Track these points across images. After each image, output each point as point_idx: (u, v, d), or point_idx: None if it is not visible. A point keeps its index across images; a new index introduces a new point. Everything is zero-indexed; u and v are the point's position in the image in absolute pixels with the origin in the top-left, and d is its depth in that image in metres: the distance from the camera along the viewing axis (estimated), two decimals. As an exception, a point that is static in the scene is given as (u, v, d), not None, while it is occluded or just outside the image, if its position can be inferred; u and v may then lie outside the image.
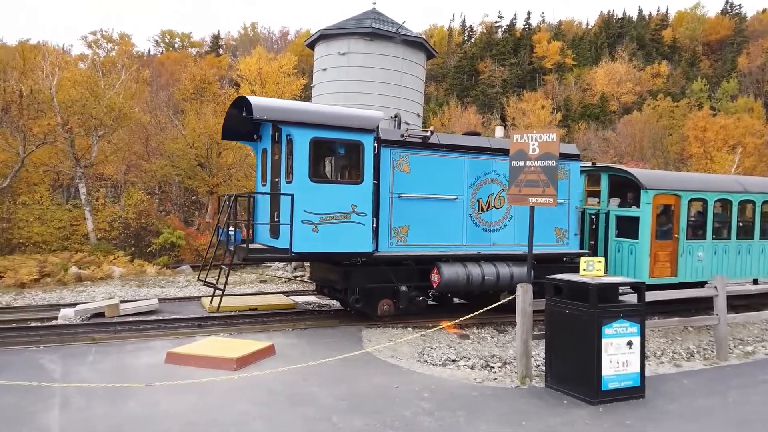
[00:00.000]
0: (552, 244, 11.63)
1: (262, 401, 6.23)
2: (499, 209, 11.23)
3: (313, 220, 9.34)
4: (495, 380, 7.47)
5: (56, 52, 31.14)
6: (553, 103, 60.16)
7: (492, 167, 11.13)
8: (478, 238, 11.02)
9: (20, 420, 5.56)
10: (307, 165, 9.35)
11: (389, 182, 10.17)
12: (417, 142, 10.48)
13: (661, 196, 11.93)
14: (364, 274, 10.19)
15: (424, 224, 10.48)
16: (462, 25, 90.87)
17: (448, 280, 10.25)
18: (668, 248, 12.13)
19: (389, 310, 10.36)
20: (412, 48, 20.31)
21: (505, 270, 10.78)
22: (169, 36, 72.66)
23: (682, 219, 12.10)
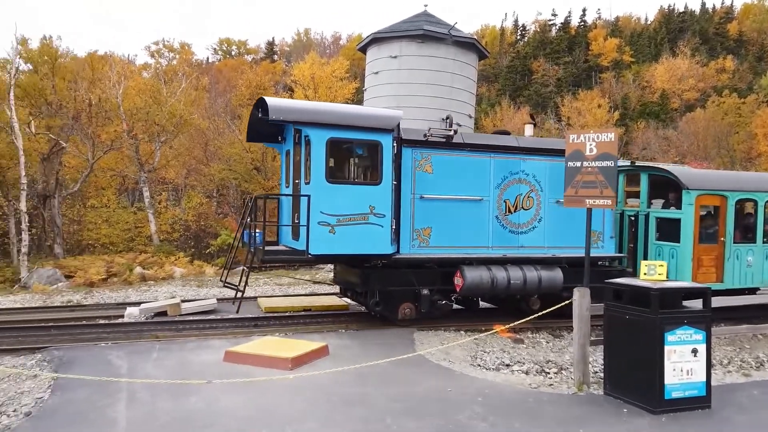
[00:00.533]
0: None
1: (317, 400, 6.33)
2: (527, 210, 10.84)
3: (330, 222, 9.21)
4: (551, 386, 7.32)
5: (122, 63, 32.67)
6: (610, 102, 58.36)
7: (520, 167, 10.77)
8: (505, 241, 10.68)
9: (91, 413, 5.87)
10: (324, 165, 9.22)
11: (411, 183, 10.00)
12: (440, 142, 10.26)
13: (704, 197, 11.23)
14: (385, 276, 10.01)
15: (447, 226, 10.23)
16: (514, 24, 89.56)
17: (471, 284, 9.97)
18: (713, 252, 11.38)
19: (410, 314, 10.17)
20: (464, 49, 20.18)
21: (532, 274, 10.37)
22: (227, 44, 74.90)
23: (728, 221, 11.33)
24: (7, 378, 7.22)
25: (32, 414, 5.87)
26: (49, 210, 22.02)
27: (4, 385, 6.99)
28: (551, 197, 10.93)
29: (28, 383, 6.91)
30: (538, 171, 10.92)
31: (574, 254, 10.89)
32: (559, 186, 10.86)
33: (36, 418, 5.74)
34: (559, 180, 10.88)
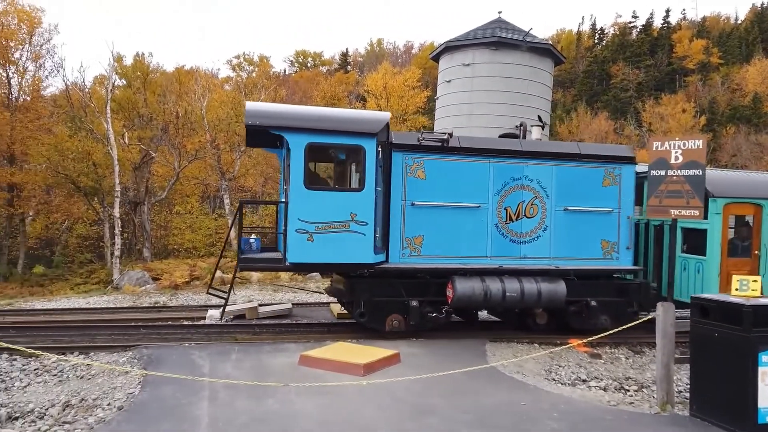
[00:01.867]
0: (598, 258, 10.43)
1: (389, 408, 6.38)
2: (531, 219, 10.21)
3: (309, 229, 8.92)
4: (631, 404, 7.01)
5: (206, 76, 34.42)
6: (696, 106, 55.26)
7: (523, 172, 10.17)
8: (506, 251, 10.11)
9: (177, 409, 6.20)
10: (302, 171, 8.94)
11: (401, 189, 9.64)
12: (434, 146, 9.85)
13: (734, 206, 10.22)
14: (372, 286, 9.66)
15: (440, 234, 9.80)
16: (592, 27, 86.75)
17: (461, 296, 9.50)
18: (745, 267, 10.32)
19: (399, 326, 9.76)
20: (539, 55, 19.82)
21: (531, 286, 9.77)
22: (303, 56, 77.17)
23: (765, 232, 10.28)
24: (102, 373, 7.76)
25: (124, 408, 6.27)
26: (139, 216, 23.51)
27: (99, 379, 7.52)
28: (559, 204, 10.33)
29: (120, 379, 7.39)
30: (544, 176, 10.29)
31: (583, 266, 10.32)
32: (568, 192, 10.36)
33: (127, 412, 6.13)
34: (568, 186, 10.37)
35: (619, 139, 54.71)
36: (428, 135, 10.14)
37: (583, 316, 10.35)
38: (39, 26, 29.80)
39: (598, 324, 10.24)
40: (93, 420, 6.00)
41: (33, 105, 29.83)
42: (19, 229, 29.97)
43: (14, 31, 29.16)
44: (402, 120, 34.26)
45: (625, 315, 10.39)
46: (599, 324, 10.24)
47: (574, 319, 10.43)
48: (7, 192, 29.09)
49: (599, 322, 10.29)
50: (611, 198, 10.45)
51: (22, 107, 29.30)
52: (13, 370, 8.09)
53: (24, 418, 6.23)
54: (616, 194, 10.49)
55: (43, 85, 31.73)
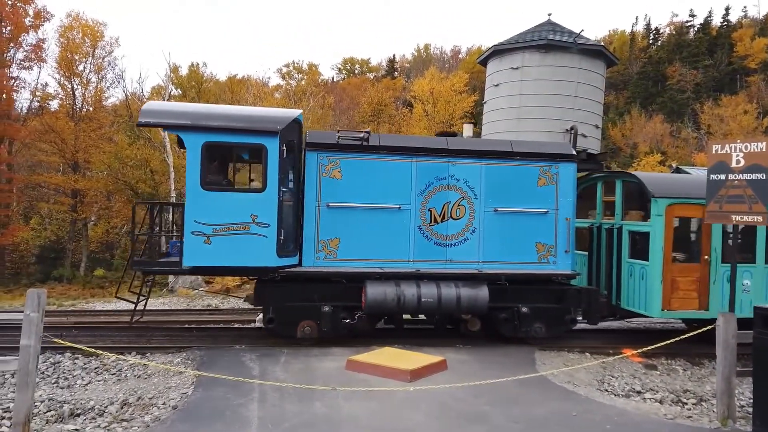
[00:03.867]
0: (532, 262, 9.88)
1: (436, 415, 6.34)
2: (457, 220, 9.72)
3: (206, 231, 8.58)
4: (689, 418, 6.73)
5: (257, 85, 35.27)
6: (758, 107, 52.74)
7: (449, 171, 9.70)
8: (430, 254, 9.67)
9: (227, 410, 6.35)
10: (198, 171, 8.62)
11: (315, 190, 9.32)
12: (351, 145, 9.47)
13: (680, 207, 9.51)
14: (282, 291, 9.30)
15: (358, 237, 9.42)
16: (646, 27, 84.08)
17: (373, 301, 9.14)
18: (694, 273, 9.58)
19: (311, 332, 9.34)
20: (590, 57, 19.33)
21: (449, 291, 9.31)
22: (350, 63, 78.00)
23: (715, 236, 9.55)
24: (158, 373, 8.04)
25: (178, 407, 6.47)
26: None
27: (155, 379, 7.79)
28: (488, 205, 9.84)
29: (174, 379, 7.64)
30: (472, 176, 9.82)
31: (515, 270, 9.76)
32: (499, 192, 9.84)
33: (181, 412, 6.32)
34: (499, 186, 9.85)
35: (677, 143, 52.78)
36: (346, 134, 9.74)
37: (515, 324, 9.79)
38: (101, 40, 31.32)
39: (530, 332, 9.78)
40: (149, 418, 6.21)
41: (95, 115, 31.39)
42: (82, 233, 31.48)
43: (79, 45, 30.74)
44: (449, 125, 34.12)
45: (562, 323, 9.94)
46: (532, 332, 9.78)
47: (505, 327, 9.87)
48: (71, 198, 30.64)
49: (532, 329, 9.79)
50: (547, 198, 9.93)
51: (86, 117, 30.87)
52: (75, 369, 8.49)
53: (85, 415, 6.52)
54: (552, 194, 9.96)
55: (105, 95, 33.33)
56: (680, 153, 49.16)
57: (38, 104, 33.61)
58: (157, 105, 9.89)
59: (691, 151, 48.75)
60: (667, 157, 45.21)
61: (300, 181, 9.45)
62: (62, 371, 8.41)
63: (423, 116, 34.69)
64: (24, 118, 31.84)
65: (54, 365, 8.60)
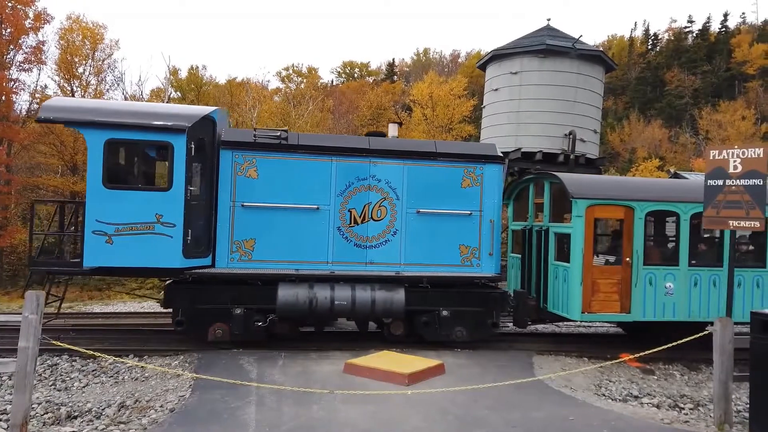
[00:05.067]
0: (455, 265, 9.74)
1: (434, 419, 6.34)
2: (378, 222, 9.56)
3: (107, 231, 8.37)
4: (686, 423, 6.74)
5: (257, 88, 35.37)
6: (756, 113, 52.94)
7: (370, 172, 9.56)
8: (350, 256, 9.51)
9: (225, 413, 6.35)
10: (100, 169, 8.41)
11: (230, 189, 9.16)
12: (269, 144, 9.30)
13: (600, 208, 9.40)
14: (193, 292, 9.08)
15: (275, 238, 9.27)
16: (645, 33, 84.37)
17: (284, 304, 8.98)
18: (615, 275, 9.47)
19: (223, 335, 9.13)
20: (589, 62, 19.43)
21: (364, 294, 9.16)
22: (350, 67, 78.16)
23: (636, 238, 9.42)
24: (155, 376, 8.03)
25: (176, 410, 6.47)
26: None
27: (153, 382, 7.78)
28: (410, 207, 9.70)
29: (172, 382, 7.63)
30: (394, 176, 9.67)
31: (438, 272, 9.61)
32: (422, 194, 9.73)
33: (179, 414, 6.32)
34: (422, 187, 9.74)
35: (675, 148, 52.92)
36: (263, 132, 9.55)
37: (436, 327, 9.65)
38: (101, 42, 31.36)
39: (451, 336, 9.65)
40: (146, 421, 6.21)
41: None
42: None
43: (79, 47, 30.77)
44: (448, 129, 34.18)
45: (485, 327, 9.81)
46: (453, 336, 9.65)
47: (425, 330, 9.70)
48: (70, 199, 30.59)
49: (453, 333, 9.66)
50: (471, 200, 9.79)
51: (85, 119, 30.75)
52: (73, 371, 8.48)
53: (82, 417, 6.51)
54: (477, 196, 9.82)
55: (105, 98, 33.35)
56: (678, 158, 49.30)
57: (38, 106, 33.64)
58: (60, 101, 9.52)
59: (689, 156, 48.90)
60: (666, 163, 45.33)
61: (214, 181, 9.25)
62: (60, 373, 8.40)
63: (422, 120, 34.77)
64: (23, 120, 31.86)
65: (51, 367, 8.60)
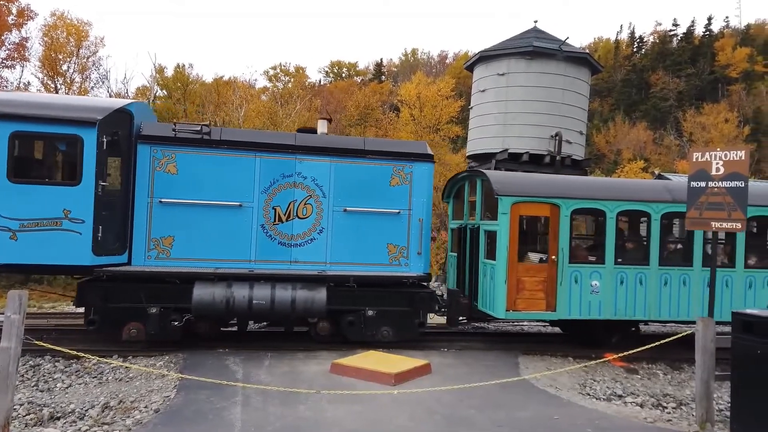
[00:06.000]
0: (383, 264, 9.65)
1: (421, 418, 6.36)
2: (304, 220, 9.43)
3: (11, 227, 8.12)
4: (669, 422, 6.82)
5: (244, 87, 35.20)
6: (739, 116, 53.71)
7: (295, 169, 9.43)
8: (274, 254, 9.37)
9: (210, 414, 6.31)
10: (5, 162, 8.16)
11: (148, 185, 8.95)
12: (190, 138, 9.09)
13: (525, 205, 9.41)
14: (105, 291, 8.80)
15: (195, 235, 9.07)
16: (630, 36, 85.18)
17: (199, 303, 8.79)
18: (541, 273, 9.45)
19: (138, 335, 8.88)
20: (575, 64, 19.60)
21: (284, 294, 8.97)
22: (338, 66, 78.04)
23: (562, 235, 9.40)
24: (140, 376, 7.96)
25: (160, 411, 6.42)
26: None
27: (137, 382, 7.72)
28: (337, 205, 9.60)
29: (157, 382, 7.57)
30: (320, 174, 9.56)
31: (365, 272, 9.49)
32: (349, 192, 9.61)
33: (163, 415, 6.27)
34: (349, 185, 9.67)
35: (659, 150, 53.51)
36: (183, 126, 9.37)
37: (361, 327, 9.51)
38: (86, 39, 31.02)
39: (377, 336, 9.52)
40: (131, 422, 6.15)
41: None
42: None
43: (63, 45, 30.41)
44: (435, 129, 34.26)
45: (411, 327, 9.68)
46: (378, 336, 9.52)
47: (350, 330, 9.55)
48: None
49: (378, 333, 9.53)
50: (400, 198, 9.72)
51: (69, 117, 30.42)
52: (56, 371, 8.38)
53: (65, 418, 6.44)
54: (406, 194, 9.73)
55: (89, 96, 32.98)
56: (663, 160, 49.87)
57: (20, 103, 33.15)
58: None
59: (673, 158, 49.48)
60: (650, 164, 45.83)
61: (131, 176, 9.03)
62: (42, 374, 8.30)
63: (410, 121, 34.83)
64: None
65: (34, 368, 8.48)
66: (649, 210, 9.87)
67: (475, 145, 20.59)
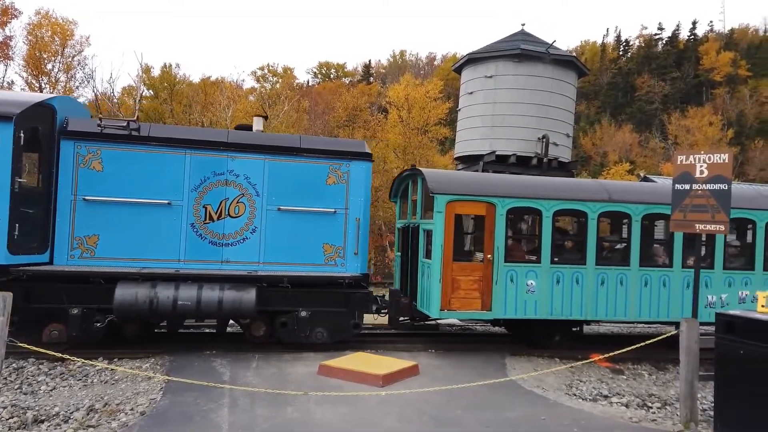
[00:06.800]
0: (318, 264, 9.47)
1: (409, 419, 6.37)
2: (236, 219, 9.24)
3: None
4: (654, 422, 6.89)
5: (231, 87, 35.03)
6: (723, 119, 54.49)
7: (227, 166, 9.25)
8: (204, 254, 9.16)
9: (197, 416, 6.27)
10: None
11: (71, 182, 8.71)
12: (116, 135, 8.86)
13: (461, 204, 9.34)
14: (24, 291, 8.47)
15: (121, 234, 8.85)
16: (616, 39, 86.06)
17: (121, 304, 8.49)
18: (476, 273, 9.39)
19: (59, 336, 8.62)
20: (562, 67, 19.76)
21: (211, 294, 8.71)
22: (326, 67, 77.98)
23: (498, 234, 9.33)
24: (125, 378, 7.89)
25: (146, 413, 6.36)
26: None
27: (123, 385, 7.64)
28: (271, 204, 9.41)
29: (143, 384, 7.51)
30: (253, 172, 9.36)
31: (299, 272, 9.31)
32: (283, 190, 9.44)
33: (149, 417, 6.22)
34: (284, 183, 9.44)
35: (645, 152, 54.05)
36: (110, 121, 9.13)
37: (294, 328, 9.32)
38: (71, 38, 30.70)
39: (311, 337, 9.37)
40: (116, 424, 6.10)
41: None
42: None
43: (47, 43, 30.08)
44: (423, 131, 34.33)
45: (347, 328, 9.56)
46: (312, 337, 9.38)
47: (283, 332, 9.35)
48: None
49: (312, 335, 9.37)
50: (337, 197, 9.55)
51: (53, 117, 30.06)
52: (40, 374, 8.27)
53: (49, 421, 6.36)
54: (342, 193, 9.56)
55: (74, 95, 32.64)
56: (648, 162, 50.41)
57: (4, 102, 32.71)
58: None
59: (659, 160, 50.03)
60: (636, 166, 46.29)
61: (53, 173, 8.79)
62: (26, 376, 8.18)
63: (398, 122, 34.88)
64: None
65: (17, 370, 8.36)
66: (585, 209, 9.78)
67: (462, 147, 20.68)
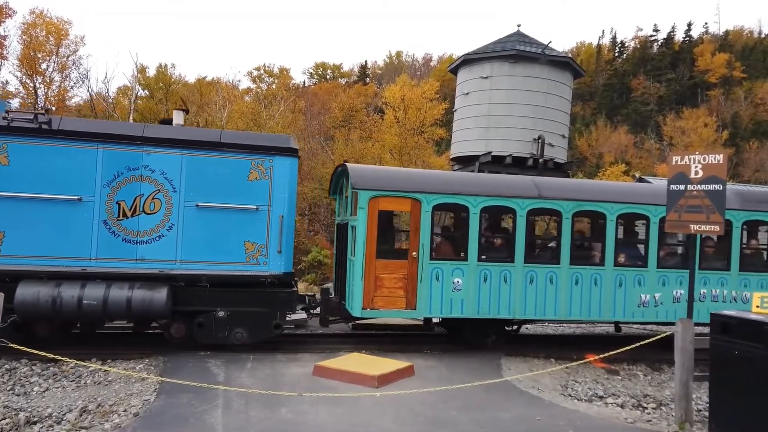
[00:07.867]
0: (240, 262, 9.17)
1: (404, 420, 6.35)
2: (151, 215, 8.93)
3: None
4: (649, 422, 6.90)
5: (227, 88, 34.97)
6: (718, 120, 54.71)
7: (142, 161, 8.91)
8: (118, 252, 8.82)
9: (191, 417, 6.23)
10: None
11: None
12: (23, 128, 8.57)
13: (386, 200, 9.16)
14: None
15: (28, 231, 8.55)
16: (612, 41, 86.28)
17: (22, 304, 8.24)
18: (400, 270, 9.17)
19: None
20: (558, 68, 19.78)
21: (119, 294, 8.45)
22: (322, 68, 77.91)
23: (423, 231, 9.16)
24: (119, 380, 7.85)
25: (140, 414, 6.33)
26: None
27: (116, 386, 7.61)
28: (189, 200, 9.09)
29: (136, 386, 7.47)
30: (170, 167, 9.05)
31: (217, 270, 9.06)
32: (202, 186, 9.15)
33: (143, 419, 6.18)
34: (202, 179, 9.15)
35: (640, 153, 54.20)
36: (17, 114, 8.85)
37: (212, 329, 9.11)
38: (66, 38, 30.58)
39: (229, 338, 9.16)
40: (109, 426, 6.06)
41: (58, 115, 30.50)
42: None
43: (42, 43, 29.95)
44: (419, 132, 34.35)
45: (267, 328, 9.36)
46: (231, 338, 9.17)
47: (200, 332, 9.13)
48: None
49: (231, 335, 9.16)
50: (259, 194, 9.25)
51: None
52: (33, 375, 8.22)
53: (42, 423, 6.32)
54: (265, 190, 9.27)
55: (69, 95, 32.50)
56: (644, 163, 50.55)
57: (-2, 102, 32.55)
58: None
59: (654, 161, 50.17)
60: (631, 168, 46.41)
61: None
62: (19, 378, 8.13)
63: (394, 123, 34.89)
64: (-17, 116, 30.85)
65: (10, 371, 8.31)
66: (514, 206, 9.59)
67: (459, 148, 20.67)
